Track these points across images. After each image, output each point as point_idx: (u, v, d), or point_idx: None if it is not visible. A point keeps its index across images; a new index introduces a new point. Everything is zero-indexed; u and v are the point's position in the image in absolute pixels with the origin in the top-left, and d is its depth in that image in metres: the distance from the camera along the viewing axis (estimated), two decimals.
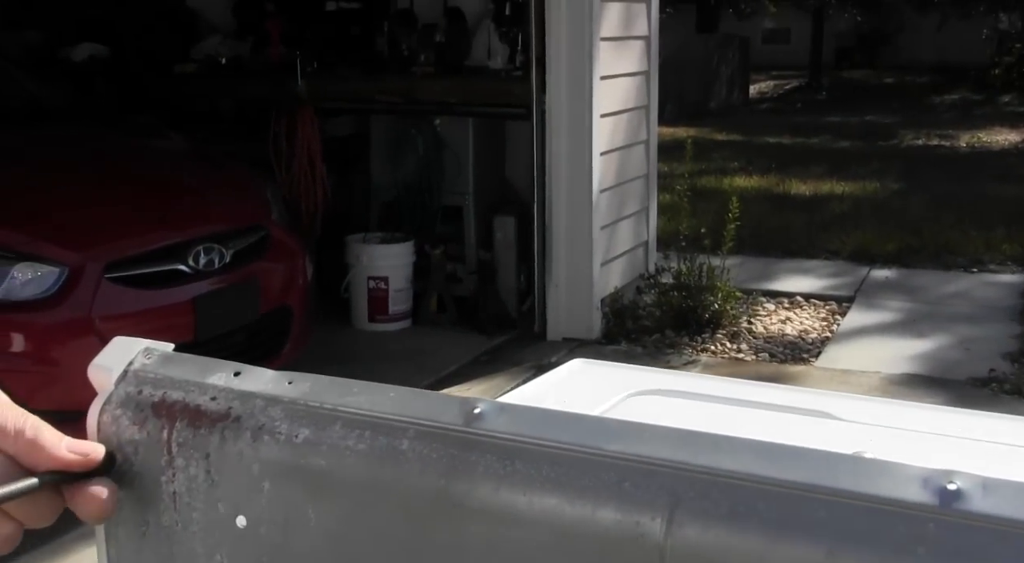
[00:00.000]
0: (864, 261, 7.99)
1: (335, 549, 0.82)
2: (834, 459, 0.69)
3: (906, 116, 20.18)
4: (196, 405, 0.86)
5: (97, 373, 0.91)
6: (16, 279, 3.91)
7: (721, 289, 6.25)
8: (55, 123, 5.26)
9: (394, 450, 0.79)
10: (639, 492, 0.71)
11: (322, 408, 0.82)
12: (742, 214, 6.33)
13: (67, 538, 3.75)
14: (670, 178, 9.35)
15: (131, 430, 0.87)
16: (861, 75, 31.49)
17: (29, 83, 5.55)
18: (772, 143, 16.18)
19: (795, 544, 0.67)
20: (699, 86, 21.25)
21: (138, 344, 0.92)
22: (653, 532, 0.70)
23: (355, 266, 6.26)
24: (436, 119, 6.44)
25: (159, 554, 0.89)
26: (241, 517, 0.85)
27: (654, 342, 6.11)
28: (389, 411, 0.80)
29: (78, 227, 4.24)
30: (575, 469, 0.73)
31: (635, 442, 0.73)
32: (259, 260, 4.71)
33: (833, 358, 5.87)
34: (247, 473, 0.83)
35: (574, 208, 6.07)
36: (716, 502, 0.69)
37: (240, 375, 0.87)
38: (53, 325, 3.98)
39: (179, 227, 4.48)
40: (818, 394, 1.54)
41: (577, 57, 5.92)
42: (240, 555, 0.86)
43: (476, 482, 0.76)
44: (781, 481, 0.69)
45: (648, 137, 7.00)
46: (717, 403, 1.49)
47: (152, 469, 0.87)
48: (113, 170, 4.90)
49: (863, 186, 11.70)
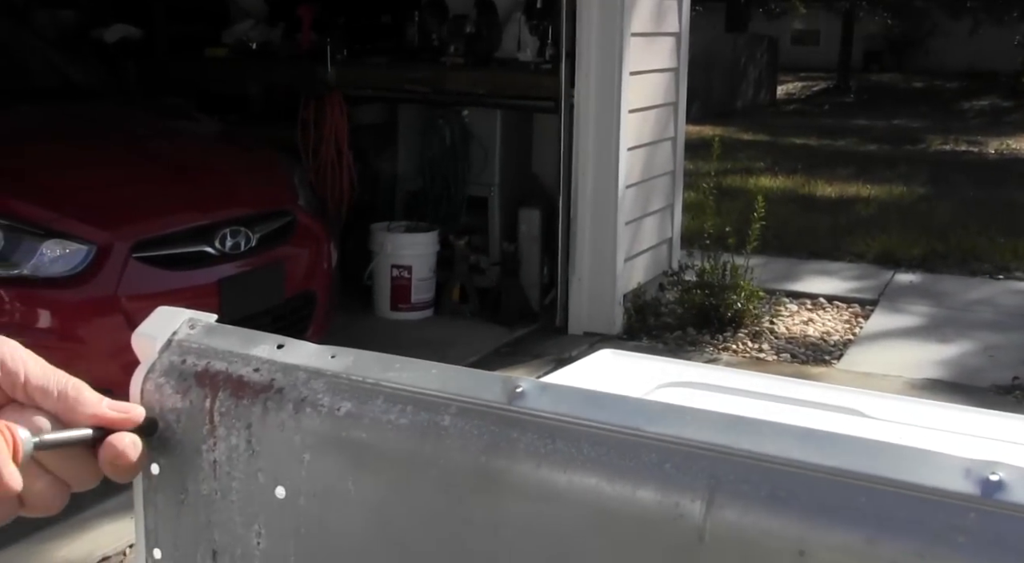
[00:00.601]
0: (889, 265, 7.95)
1: (374, 522, 0.82)
2: (875, 447, 0.70)
3: (934, 121, 20.09)
4: (239, 376, 0.87)
5: (141, 341, 0.92)
6: (45, 256, 3.94)
7: (744, 288, 6.24)
8: (87, 102, 5.30)
9: (436, 425, 0.79)
10: (680, 474, 0.72)
11: (364, 382, 0.83)
12: (767, 214, 6.31)
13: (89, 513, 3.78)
14: (695, 176, 9.32)
15: (174, 398, 0.88)
16: (890, 79, 31.34)
17: (62, 62, 5.59)
18: (798, 144, 16.12)
19: (835, 530, 0.67)
20: (726, 85, 21.20)
21: (182, 314, 0.93)
22: (693, 514, 0.71)
23: (379, 254, 6.28)
24: (464, 110, 6.44)
25: (197, 522, 0.90)
26: (280, 488, 0.86)
27: (675, 339, 6.11)
28: (431, 387, 0.81)
29: (107, 206, 4.26)
30: (616, 449, 0.74)
31: (677, 425, 0.74)
32: (285, 244, 4.73)
33: (855, 361, 5.85)
34: (288, 444, 0.84)
35: (599, 203, 6.07)
36: (756, 486, 0.70)
37: (283, 348, 0.88)
38: (80, 302, 4.01)
39: (207, 209, 4.50)
40: (848, 392, 1.54)
41: (607, 52, 5.91)
42: (278, 525, 0.87)
43: (517, 459, 0.76)
44: (822, 467, 0.69)
45: (675, 134, 6.99)
46: (747, 398, 1.49)
47: (193, 438, 0.88)
48: (143, 151, 4.93)
49: (889, 190, 11.65)
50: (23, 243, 3.92)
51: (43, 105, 5.07)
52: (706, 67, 16.71)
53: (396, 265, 6.24)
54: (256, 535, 0.88)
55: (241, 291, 4.44)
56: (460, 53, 6.67)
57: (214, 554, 0.90)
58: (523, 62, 6.46)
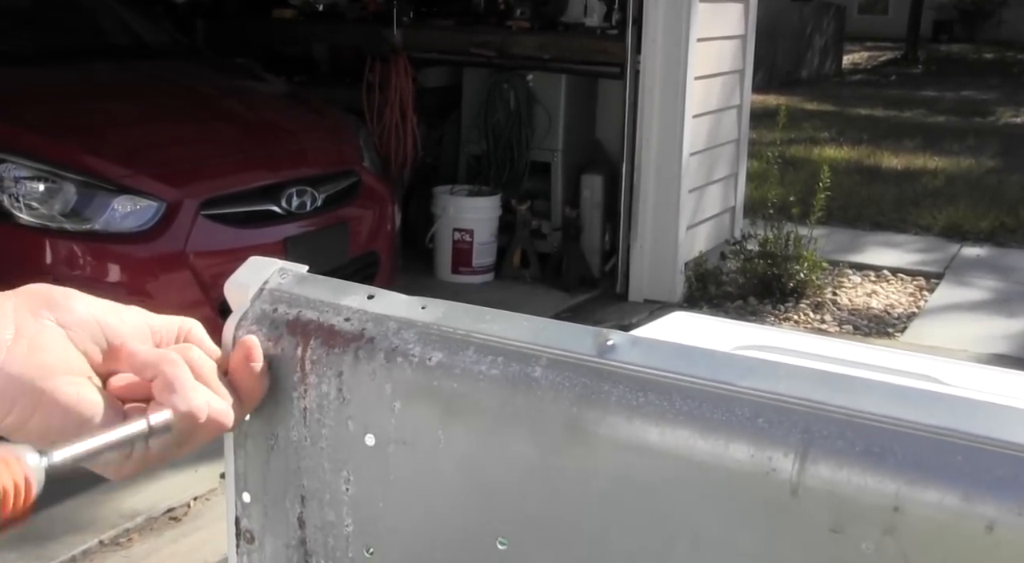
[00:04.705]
0: (955, 238, 7.84)
1: (463, 471, 0.83)
2: (972, 405, 0.69)
3: (1005, 93, 19.67)
4: (330, 325, 0.88)
5: (234, 290, 0.93)
6: (116, 211, 4.00)
7: (807, 259, 6.18)
8: (157, 62, 5.35)
9: (527, 377, 0.80)
10: (773, 428, 0.72)
11: (455, 333, 0.84)
12: (831, 185, 6.24)
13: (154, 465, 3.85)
14: (759, 145, 9.23)
15: (265, 346, 0.89)
16: (959, 49, 30.70)
17: (134, 21, 5.65)
18: (864, 115, 15.88)
19: (930, 487, 0.67)
20: (791, 54, 20.90)
21: (273, 264, 0.94)
22: (786, 469, 0.71)
23: (441, 217, 6.30)
24: (529, 74, 6.43)
25: (287, 467, 0.92)
26: (370, 435, 0.87)
27: (736, 308, 6.08)
28: (522, 339, 0.82)
29: (177, 164, 4.32)
30: (708, 403, 0.74)
31: (770, 379, 0.74)
32: (349, 205, 4.77)
33: (919, 334, 5.79)
34: (379, 393, 0.85)
35: (663, 170, 6.04)
36: (851, 442, 0.70)
37: (373, 298, 0.89)
38: (149, 258, 4.07)
39: (274, 168, 4.54)
40: (925, 358, 1.53)
41: (674, 17, 5.86)
42: (366, 472, 0.88)
43: (608, 411, 0.77)
44: (918, 424, 0.69)
45: (741, 102, 6.92)
46: (821, 362, 1.49)
47: (284, 385, 0.89)
48: (211, 110, 4.98)
49: (957, 162, 11.45)
50: (96, 198, 3.98)
51: (115, 64, 5.13)
52: (771, 35, 16.49)
53: (458, 228, 6.26)
54: (345, 481, 0.89)
55: (306, 250, 4.48)
56: (526, 17, 6.65)
57: (302, 499, 0.92)
58: (589, 27, 6.42)
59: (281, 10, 7.29)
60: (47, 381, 0.74)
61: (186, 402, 0.77)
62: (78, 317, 0.78)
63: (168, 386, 0.77)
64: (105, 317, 0.79)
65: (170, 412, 0.76)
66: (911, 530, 0.68)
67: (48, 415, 0.74)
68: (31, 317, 0.76)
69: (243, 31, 7.23)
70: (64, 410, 0.74)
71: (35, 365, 0.74)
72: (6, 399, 0.73)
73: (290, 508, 0.93)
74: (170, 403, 0.76)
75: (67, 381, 0.75)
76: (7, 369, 0.73)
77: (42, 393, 0.74)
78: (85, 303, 0.79)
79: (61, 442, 0.69)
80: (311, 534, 0.92)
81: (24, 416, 0.73)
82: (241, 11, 7.45)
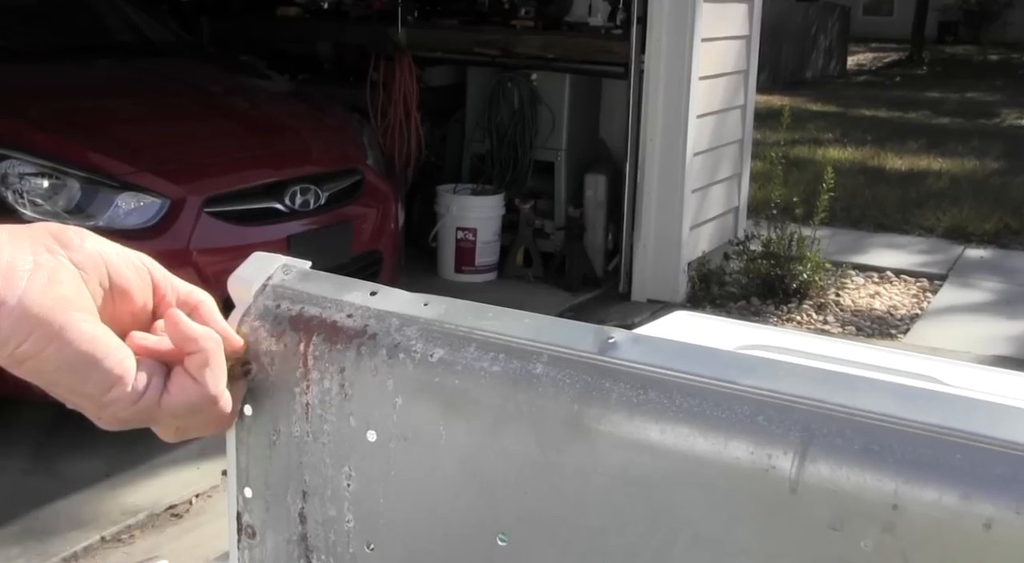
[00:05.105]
0: (959, 239, 7.84)
1: (464, 467, 0.84)
2: (971, 403, 0.70)
3: (1010, 95, 19.66)
4: (333, 321, 0.89)
5: (237, 285, 0.93)
6: (120, 208, 4.01)
7: (810, 259, 6.18)
8: (161, 59, 5.36)
9: (528, 373, 0.80)
10: (772, 426, 0.72)
11: (457, 330, 0.84)
12: (835, 186, 6.24)
13: (157, 461, 3.86)
14: (763, 146, 9.22)
15: (268, 342, 0.89)
16: (964, 51, 30.69)
17: (137, 19, 5.65)
18: (868, 116, 15.88)
19: (929, 485, 0.67)
20: (796, 55, 20.91)
21: (277, 260, 0.95)
22: (785, 466, 0.71)
23: (445, 216, 6.30)
24: (533, 73, 6.43)
25: (288, 463, 0.92)
26: (372, 431, 0.87)
27: (739, 309, 6.08)
28: (523, 336, 0.82)
29: (181, 161, 4.32)
30: (709, 401, 0.74)
31: (770, 378, 0.74)
32: (353, 203, 4.77)
33: (922, 335, 5.79)
34: (381, 389, 0.86)
35: (667, 170, 6.04)
36: (850, 440, 0.70)
37: (376, 295, 0.89)
38: (152, 255, 4.02)
39: (277, 166, 4.55)
40: (926, 359, 1.53)
41: (679, 17, 5.86)
42: (368, 468, 0.88)
43: (609, 408, 0.77)
44: (917, 422, 0.69)
45: (745, 102, 6.92)
46: (823, 362, 1.49)
47: (287, 380, 0.90)
48: (215, 107, 4.99)
49: (961, 164, 11.45)
50: (99, 195, 3.99)
51: (120, 61, 5.14)
52: (776, 36, 16.50)
53: (461, 227, 6.26)
54: (346, 477, 0.90)
55: (309, 248, 4.48)
56: (531, 16, 6.65)
57: (304, 494, 0.92)
58: (594, 26, 6.42)
59: (285, 8, 7.29)
60: (65, 314, 0.75)
61: (216, 384, 0.81)
62: (90, 258, 0.79)
63: (205, 362, 0.80)
64: (112, 261, 0.80)
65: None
66: (910, 528, 0.68)
67: (62, 347, 0.75)
68: (47, 253, 0.76)
69: (247, 29, 7.24)
70: (78, 345, 0.75)
71: (54, 297, 0.75)
72: (24, 327, 0.73)
73: (291, 503, 0.93)
74: (202, 379, 0.80)
75: (83, 317, 0.76)
76: (27, 298, 0.73)
77: (60, 326, 0.74)
78: (97, 245, 0.80)
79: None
80: (312, 529, 0.93)
81: (39, 346, 0.74)
82: (245, 9, 7.46)
